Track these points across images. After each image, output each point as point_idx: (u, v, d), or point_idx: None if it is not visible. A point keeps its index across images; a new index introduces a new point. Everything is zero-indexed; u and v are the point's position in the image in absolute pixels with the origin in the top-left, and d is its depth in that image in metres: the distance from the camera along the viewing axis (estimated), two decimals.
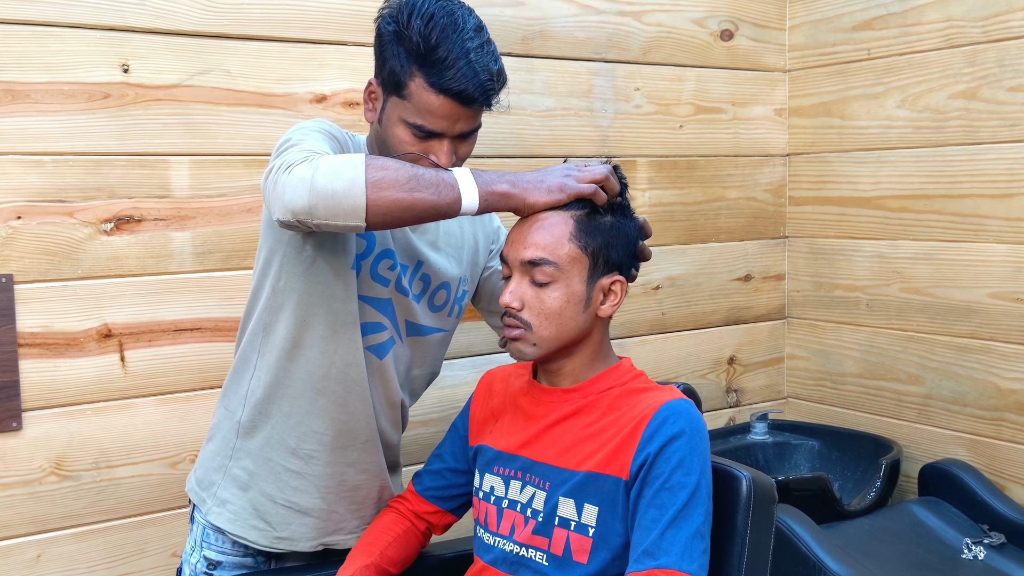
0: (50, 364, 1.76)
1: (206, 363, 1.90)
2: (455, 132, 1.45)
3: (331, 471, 1.58)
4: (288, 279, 1.50)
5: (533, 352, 1.42)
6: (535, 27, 2.23)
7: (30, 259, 1.73)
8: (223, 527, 1.58)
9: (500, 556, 1.44)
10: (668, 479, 1.32)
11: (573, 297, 1.39)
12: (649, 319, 2.49)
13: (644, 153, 2.44)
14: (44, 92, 1.72)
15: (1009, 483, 2.25)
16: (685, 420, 1.36)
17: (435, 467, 1.62)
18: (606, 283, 1.42)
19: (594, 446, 1.39)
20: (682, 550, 1.29)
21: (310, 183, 1.29)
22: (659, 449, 1.34)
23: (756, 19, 2.61)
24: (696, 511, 1.32)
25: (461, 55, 1.40)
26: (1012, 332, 2.23)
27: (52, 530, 1.78)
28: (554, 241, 1.38)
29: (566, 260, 1.38)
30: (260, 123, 1.91)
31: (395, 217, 1.32)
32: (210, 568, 1.61)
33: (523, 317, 1.40)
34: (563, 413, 1.44)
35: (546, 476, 1.42)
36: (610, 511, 1.37)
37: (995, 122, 2.23)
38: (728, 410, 2.67)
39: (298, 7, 1.93)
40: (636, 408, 1.39)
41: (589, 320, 1.43)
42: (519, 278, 1.41)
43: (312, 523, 1.59)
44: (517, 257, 1.40)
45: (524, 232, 1.40)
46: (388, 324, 1.57)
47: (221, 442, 1.60)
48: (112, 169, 1.78)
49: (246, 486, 1.57)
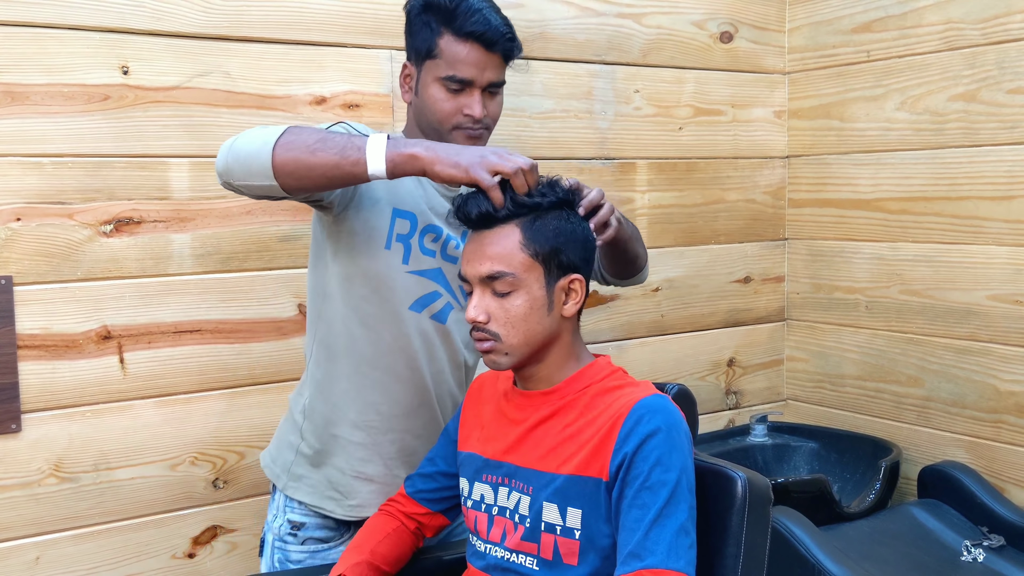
0: (49, 366, 1.76)
1: (205, 365, 1.90)
2: (484, 81, 1.59)
3: (391, 438, 1.69)
4: (331, 266, 1.63)
5: (507, 361, 1.44)
6: (535, 29, 2.23)
7: (29, 261, 1.73)
8: (303, 500, 1.69)
9: (492, 563, 1.45)
10: (647, 478, 1.32)
11: (535, 302, 1.41)
12: (648, 321, 2.49)
13: (643, 155, 2.44)
14: (43, 94, 1.72)
15: (1008, 485, 2.25)
16: (661, 417, 1.36)
17: (427, 470, 1.63)
18: (564, 283, 1.44)
19: (573, 448, 1.40)
20: (667, 548, 1.30)
21: (230, 146, 1.45)
22: (636, 448, 1.34)
23: (756, 21, 2.61)
24: (679, 507, 1.32)
25: (479, 7, 1.59)
26: (1011, 334, 2.23)
27: (52, 532, 1.78)
28: (507, 252, 1.40)
29: (521, 268, 1.40)
30: (260, 125, 1.90)
31: (302, 177, 1.42)
32: (294, 530, 1.70)
33: (491, 329, 1.42)
34: (542, 416, 1.45)
35: (529, 480, 1.42)
36: (594, 512, 1.37)
37: (994, 124, 2.23)
38: (727, 412, 2.67)
39: (298, 9, 1.94)
40: (612, 407, 1.40)
41: (555, 322, 1.44)
42: (481, 292, 1.42)
43: (377, 488, 1.69)
44: (475, 274, 1.42)
45: (477, 248, 1.42)
46: (443, 291, 1.67)
47: (291, 422, 1.72)
48: (111, 171, 1.79)
49: (318, 463, 1.68)
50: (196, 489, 1.91)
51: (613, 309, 2.42)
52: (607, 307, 2.41)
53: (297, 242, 1.97)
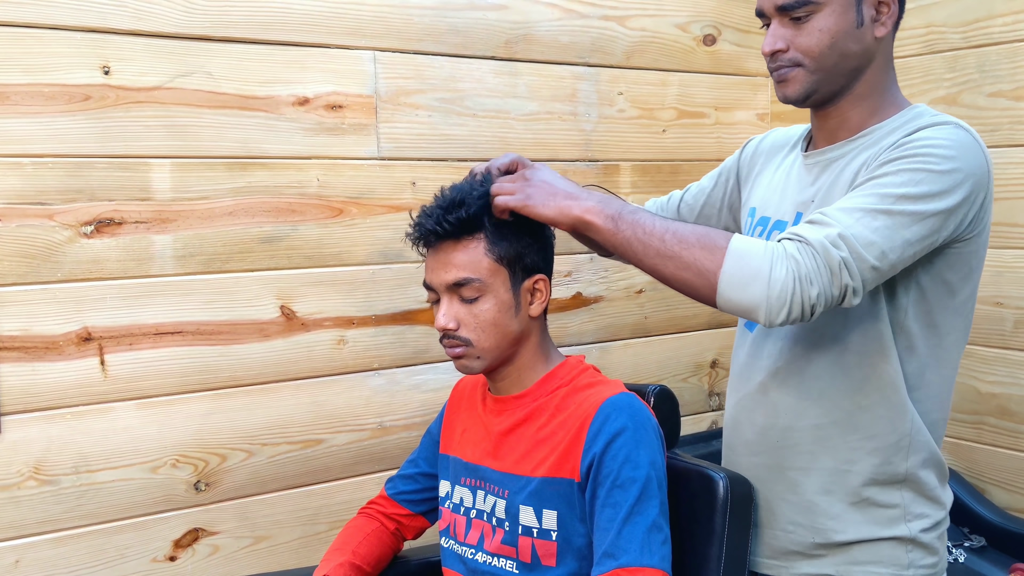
0: (29, 368, 1.74)
1: (187, 367, 1.89)
2: (769, 4, 1.47)
3: None
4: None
5: (479, 365, 1.45)
6: (519, 31, 2.23)
7: (9, 262, 1.72)
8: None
9: (472, 567, 1.45)
10: (617, 476, 1.33)
11: (503, 305, 1.42)
12: (631, 323, 2.49)
13: (628, 157, 2.45)
14: (24, 94, 1.71)
15: (989, 486, 2.26)
16: (627, 415, 1.37)
17: (409, 472, 1.64)
18: (529, 284, 1.46)
19: (546, 450, 1.41)
20: (640, 545, 1.30)
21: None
22: (604, 448, 1.35)
23: (739, 24, 2.62)
24: (650, 503, 1.33)
25: None
26: (992, 336, 2.24)
27: (31, 535, 1.77)
28: (472, 259, 1.41)
29: (487, 273, 1.42)
30: (242, 126, 1.90)
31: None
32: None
33: (461, 335, 1.43)
34: (516, 420, 1.46)
35: (504, 484, 1.43)
36: (569, 513, 1.38)
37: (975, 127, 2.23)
38: (710, 413, 2.67)
39: (280, 10, 1.93)
40: (581, 407, 1.41)
41: (523, 323, 1.46)
42: (448, 300, 1.43)
43: None
44: (441, 282, 1.43)
45: (442, 256, 1.43)
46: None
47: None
48: (92, 171, 1.78)
49: None
50: (177, 492, 1.90)
51: (597, 311, 2.42)
52: (591, 309, 2.41)
53: (279, 244, 1.96)
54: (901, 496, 1.44)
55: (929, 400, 1.44)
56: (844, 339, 1.43)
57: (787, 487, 1.48)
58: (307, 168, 1.98)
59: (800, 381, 1.47)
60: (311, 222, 1.99)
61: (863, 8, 1.39)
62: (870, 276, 1.26)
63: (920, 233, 1.28)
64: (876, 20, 1.41)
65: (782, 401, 1.48)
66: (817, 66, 1.41)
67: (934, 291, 1.40)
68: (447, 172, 2.13)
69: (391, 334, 2.10)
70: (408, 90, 2.08)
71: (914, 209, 1.28)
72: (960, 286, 1.42)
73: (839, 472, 1.44)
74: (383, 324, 2.09)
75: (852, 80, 1.43)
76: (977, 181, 1.34)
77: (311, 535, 2.04)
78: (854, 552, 1.44)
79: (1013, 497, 2.23)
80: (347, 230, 2.03)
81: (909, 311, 1.41)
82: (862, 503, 1.44)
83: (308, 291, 2.00)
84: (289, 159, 1.96)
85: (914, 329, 1.41)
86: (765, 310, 1.24)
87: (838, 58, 1.40)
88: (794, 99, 1.45)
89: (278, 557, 2.00)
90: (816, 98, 1.45)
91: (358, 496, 2.05)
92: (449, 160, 2.15)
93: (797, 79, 1.43)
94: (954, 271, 1.40)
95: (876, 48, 1.42)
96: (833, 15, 1.39)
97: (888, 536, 1.43)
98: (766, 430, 1.50)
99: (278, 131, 1.94)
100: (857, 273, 1.25)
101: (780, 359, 1.49)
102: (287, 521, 2.01)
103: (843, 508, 1.44)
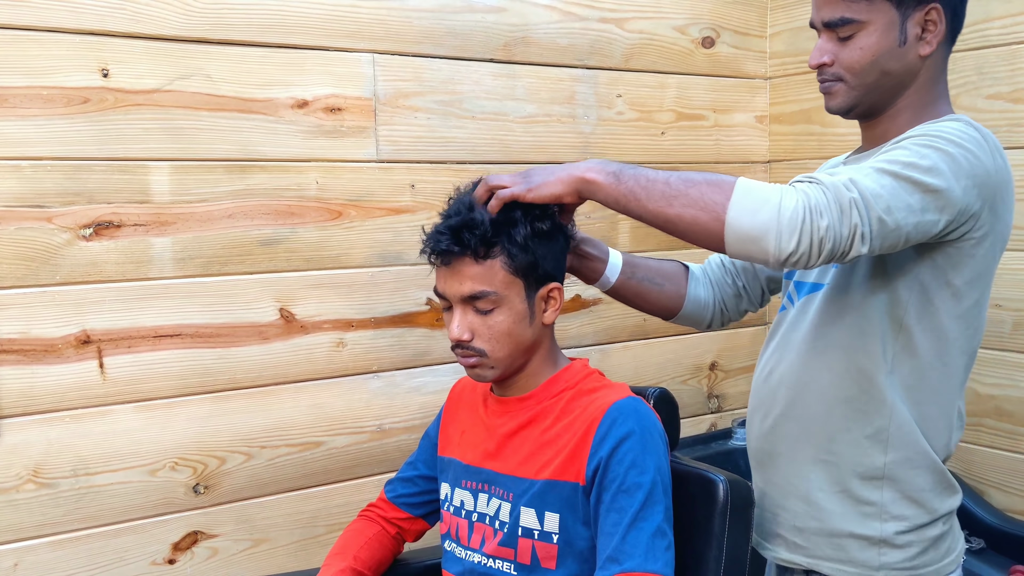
0: (28, 371, 1.74)
1: (186, 369, 1.89)
2: (818, 20, 1.50)
3: None
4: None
5: (493, 374, 1.45)
6: (517, 33, 2.23)
7: (7, 265, 1.72)
8: None
9: (469, 569, 1.45)
10: (623, 481, 1.33)
11: (518, 316, 1.42)
12: (630, 325, 2.49)
13: (627, 160, 2.44)
14: (23, 96, 1.71)
15: (988, 488, 2.26)
16: (634, 419, 1.37)
17: (408, 474, 1.63)
18: (544, 293, 1.45)
19: (551, 453, 1.41)
20: (645, 551, 1.30)
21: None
22: (611, 452, 1.35)
23: (737, 27, 2.62)
24: (655, 509, 1.33)
25: None
26: (990, 338, 2.24)
27: (30, 538, 1.77)
28: (488, 272, 1.40)
29: (502, 286, 1.41)
30: (241, 128, 1.90)
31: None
32: None
33: (476, 346, 1.42)
34: (520, 422, 1.46)
35: (508, 487, 1.43)
36: (571, 516, 1.37)
37: None
38: (709, 416, 2.67)
39: (279, 12, 1.93)
40: (587, 411, 1.40)
41: (537, 331, 1.46)
42: (462, 310, 1.42)
43: None
44: (456, 294, 1.42)
45: (457, 268, 1.42)
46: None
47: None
48: (91, 174, 1.78)
49: None
50: (176, 495, 1.90)
51: (596, 313, 2.42)
52: (590, 311, 2.41)
53: (278, 246, 1.96)
54: (881, 494, 1.45)
55: (928, 403, 1.45)
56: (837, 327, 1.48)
57: (776, 471, 1.55)
58: (306, 170, 1.98)
59: (796, 372, 1.53)
60: (310, 224, 1.99)
61: (907, 27, 1.41)
62: (877, 228, 1.26)
63: (922, 203, 1.29)
64: (921, 39, 1.42)
65: (779, 390, 1.55)
66: (858, 82, 1.44)
67: (939, 294, 1.41)
68: (446, 174, 2.13)
69: (390, 336, 2.10)
70: (407, 92, 2.09)
71: (919, 178, 1.29)
72: (966, 291, 1.42)
73: (821, 462, 1.49)
74: (382, 326, 2.09)
75: (894, 96, 1.46)
76: (984, 176, 1.35)
77: (310, 538, 2.04)
78: (824, 547, 1.48)
79: (1011, 499, 2.23)
80: (346, 232, 2.03)
81: (910, 309, 1.41)
82: (842, 493, 1.48)
83: (307, 293, 2.00)
84: (288, 161, 1.96)
85: (915, 329, 1.42)
86: (775, 234, 1.23)
87: (879, 75, 1.43)
88: (837, 111, 1.50)
89: (277, 560, 2.00)
90: (859, 111, 1.48)
91: (357, 499, 2.05)
92: (448, 162, 2.15)
93: (839, 93, 1.47)
94: (959, 273, 1.40)
95: (920, 66, 1.44)
96: (876, 34, 1.41)
97: (858, 533, 1.46)
98: (765, 417, 1.58)
99: (277, 133, 1.94)
100: (867, 217, 1.25)
101: (788, 349, 1.56)
102: (286, 524, 2.01)
103: (825, 496, 1.49)
